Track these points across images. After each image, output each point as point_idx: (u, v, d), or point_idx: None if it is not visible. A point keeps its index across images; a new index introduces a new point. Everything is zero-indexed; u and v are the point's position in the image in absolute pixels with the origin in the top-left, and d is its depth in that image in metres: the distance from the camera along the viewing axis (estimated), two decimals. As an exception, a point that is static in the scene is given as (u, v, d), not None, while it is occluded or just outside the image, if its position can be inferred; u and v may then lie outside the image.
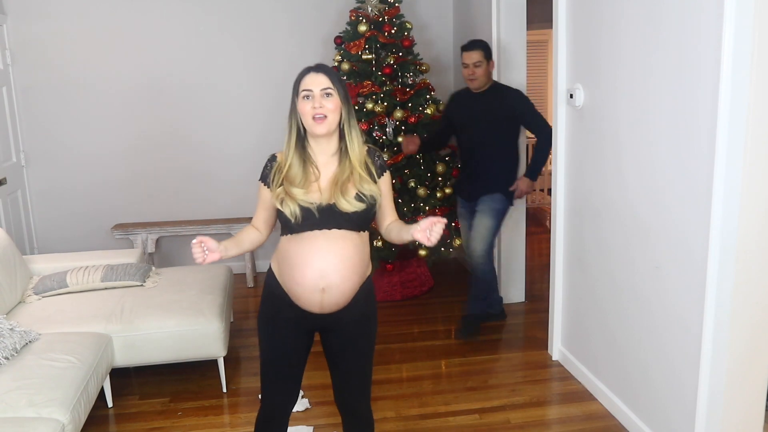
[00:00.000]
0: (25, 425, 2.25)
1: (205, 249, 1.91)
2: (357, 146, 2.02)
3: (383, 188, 2.06)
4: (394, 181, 4.12)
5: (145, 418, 3.03)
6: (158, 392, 3.26)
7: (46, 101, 4.67)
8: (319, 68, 2.00)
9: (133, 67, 4.71)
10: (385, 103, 4.12)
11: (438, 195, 4.20)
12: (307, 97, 1.96)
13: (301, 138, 2.02)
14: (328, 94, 1.97)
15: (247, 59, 4.83)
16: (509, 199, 3.75)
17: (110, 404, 3.11)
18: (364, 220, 2.01)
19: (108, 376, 3.04)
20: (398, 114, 4.11)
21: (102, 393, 3.05)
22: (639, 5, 2.55)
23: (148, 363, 3.17)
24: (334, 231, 1.97)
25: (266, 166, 2.06)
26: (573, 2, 3.10)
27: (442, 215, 4.20)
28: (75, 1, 4.58)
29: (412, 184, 4.17)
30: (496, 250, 4.39)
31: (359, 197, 1.97)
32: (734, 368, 2.24)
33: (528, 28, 4.14)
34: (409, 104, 4.21)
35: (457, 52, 5.00)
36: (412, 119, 4.15)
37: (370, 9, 4.21)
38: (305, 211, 1.94)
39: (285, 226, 2.00)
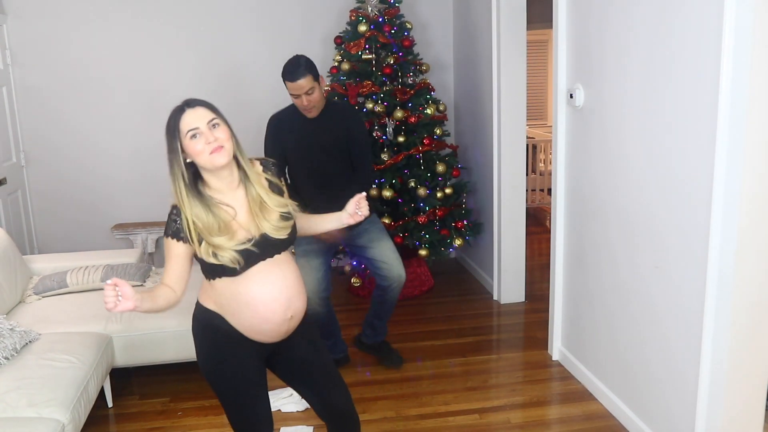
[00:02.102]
0: (25, 425, 2.25)
1: (119, 294, 1.66)
2: (253, 170, 1.93)
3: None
4: (394, 181, 4.12)
5: (145, 418, 3.03)
6: (158, 392, 3.26)
7: (46, 101, 4.67)
8: (193, 103, 1.89)
9: (133, 66, 4.71)
10: (385, 103, 4.12)
11: (438, 195, 4.20)
12: (195, 135, 1.82)
13: (193, 185, 1.85)
14: (215, 125, 1.85)
15: (247, 60, 4.83)
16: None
17: (110, 404, 3.12)
18: (294, 237, 1.97)
19: (108, 376, 3.04)
20: (398, 114, 4.11)
21: (102, 393, 3.05)
22: (639, 5, 2.55)
23: (148, 363, 3.17)
24: (276, 257, 1.91)
25: (173, 220, 1.84)
26: (573, 2, 3.10)
27: (443, 215, 4.21)
28: (75, 2, 4.58)
29: (412, 184, 4.17)
30: (495, 250, 4.40)
31: (283, 216, 1.91)
32: (734, 367, 2.24)
33: (528, 28, 4.14)
34: (410, 104, 4.21)
35: (458, 52, 5.02)
36: (413, 119, 4.15)
37: (370, 9, 4.21)
38: (244, 253, 1.83)
39: (222, 272, 1.86)
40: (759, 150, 2.09)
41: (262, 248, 1.87)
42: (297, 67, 2.89)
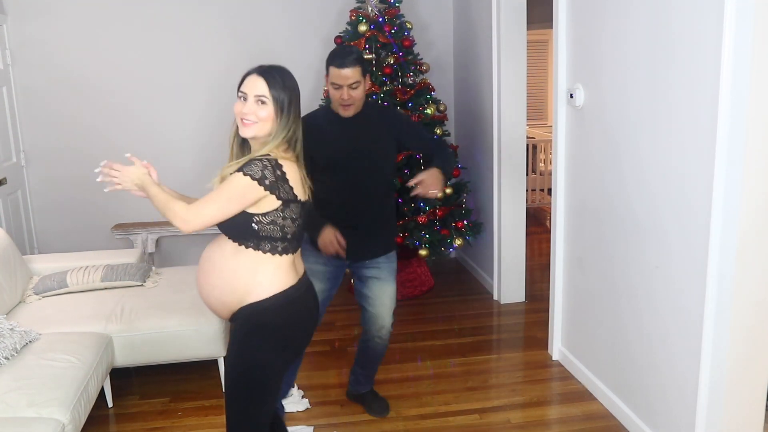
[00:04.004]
0: (25, 425, 2.25)
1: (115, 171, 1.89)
2: (259, 147, 1.82)
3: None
4: (394, 180, 4.10)
5: (145, 418, 3.03)
6: (158, 392, 3.26)
7: (46, 101, 4.67)
8: (259, 70, 1.82)
9: (133, 66, 4.71)
10: (386, 103, 4.12)
11: (438, 195, 4.18)
12: (242, 99, 1.82)
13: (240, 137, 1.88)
14: (262, 102, 1.79)
15: (248, 60, 4.81)
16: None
17: (110, 404, 3.11)
18: (229, 228, 1.82)
19: (108, 376, 3.04)
20: (398, 114, 4.11)
21: (102, 393, 3.05)
22: (639, 5, 2.55)
23: (149, 363, 3.17)
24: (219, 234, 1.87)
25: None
26: (573, 2, 3.10)
27: (443, 215, 4.21)
28: (75, 1, 4.57)
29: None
30: (495, 250, 4.40)
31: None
32: (734, 368, 2.24)
33: (528, 28, 4.14)
34: (410, 104, 4.21)
35: (458, 52, 5.02)
36: (413, 119, 4.15)
37: (370, 9, 4.21)
38: None
39: None
40: (759, 149, 2.09)
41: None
42: (348, 55, 2.58)
